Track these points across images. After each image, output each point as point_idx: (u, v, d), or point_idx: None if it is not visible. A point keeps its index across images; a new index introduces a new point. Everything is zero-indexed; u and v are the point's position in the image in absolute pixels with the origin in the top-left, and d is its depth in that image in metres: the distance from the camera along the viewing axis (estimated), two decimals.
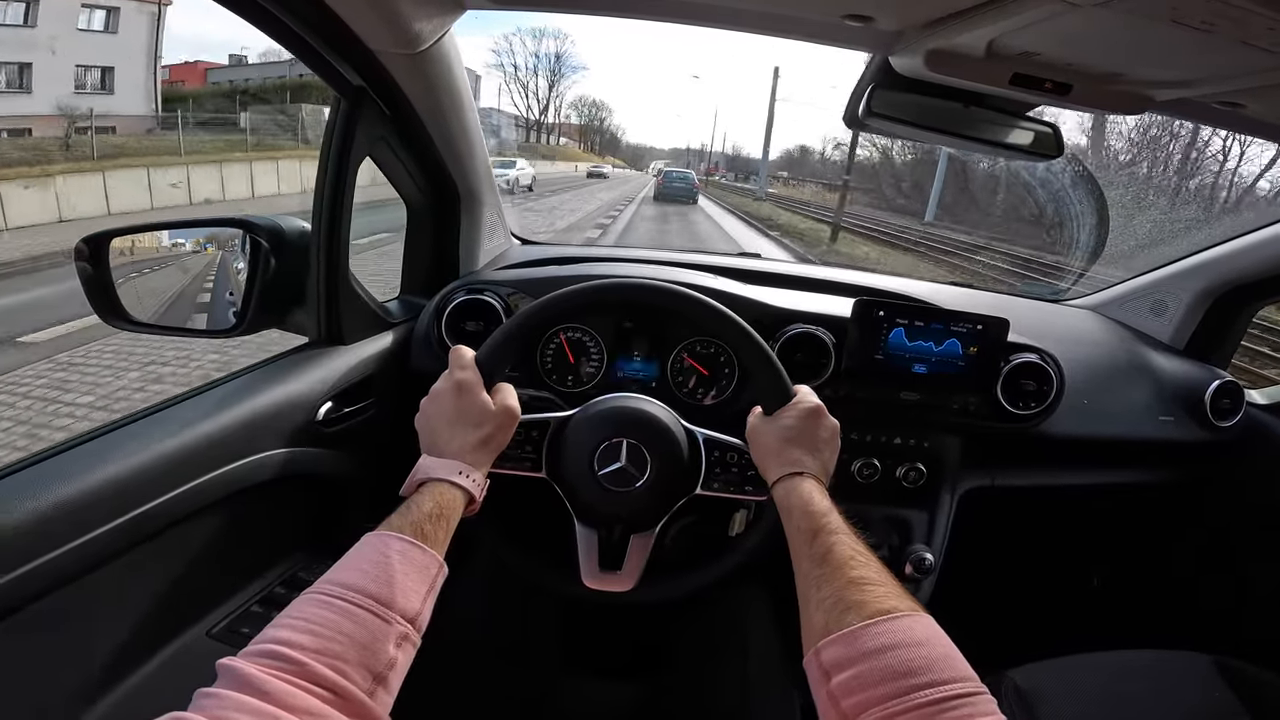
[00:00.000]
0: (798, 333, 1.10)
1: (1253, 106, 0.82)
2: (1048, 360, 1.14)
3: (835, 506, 0.68)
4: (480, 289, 1.11)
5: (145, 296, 0.95)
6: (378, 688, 0.49)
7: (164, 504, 0.70)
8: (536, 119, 68.15)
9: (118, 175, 11.87)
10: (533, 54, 69.46)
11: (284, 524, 0.94)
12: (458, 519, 0.67)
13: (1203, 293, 1.37)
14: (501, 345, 0.79)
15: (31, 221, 9.70)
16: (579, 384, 1.11)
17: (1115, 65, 0.76)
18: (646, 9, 0.92)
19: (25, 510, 0.59)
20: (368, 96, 0.92)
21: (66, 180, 10.88)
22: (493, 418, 0.74)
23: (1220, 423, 1.26)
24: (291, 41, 0.79)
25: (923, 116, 0.92)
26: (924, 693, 0.46)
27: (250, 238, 0.92)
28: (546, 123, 69.31)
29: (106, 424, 0.73)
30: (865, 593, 0.56)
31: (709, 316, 0.84)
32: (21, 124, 13.53)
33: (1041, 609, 1.59)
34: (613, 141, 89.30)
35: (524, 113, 67.87)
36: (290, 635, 0.47)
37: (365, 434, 1.00)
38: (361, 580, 0.54)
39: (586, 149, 78.30)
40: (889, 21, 0.77)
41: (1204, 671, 1.03)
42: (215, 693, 0.42)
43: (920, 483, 1.17)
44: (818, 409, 0.79)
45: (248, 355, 2.88)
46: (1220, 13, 0.55)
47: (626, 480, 0.80)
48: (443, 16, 0.85)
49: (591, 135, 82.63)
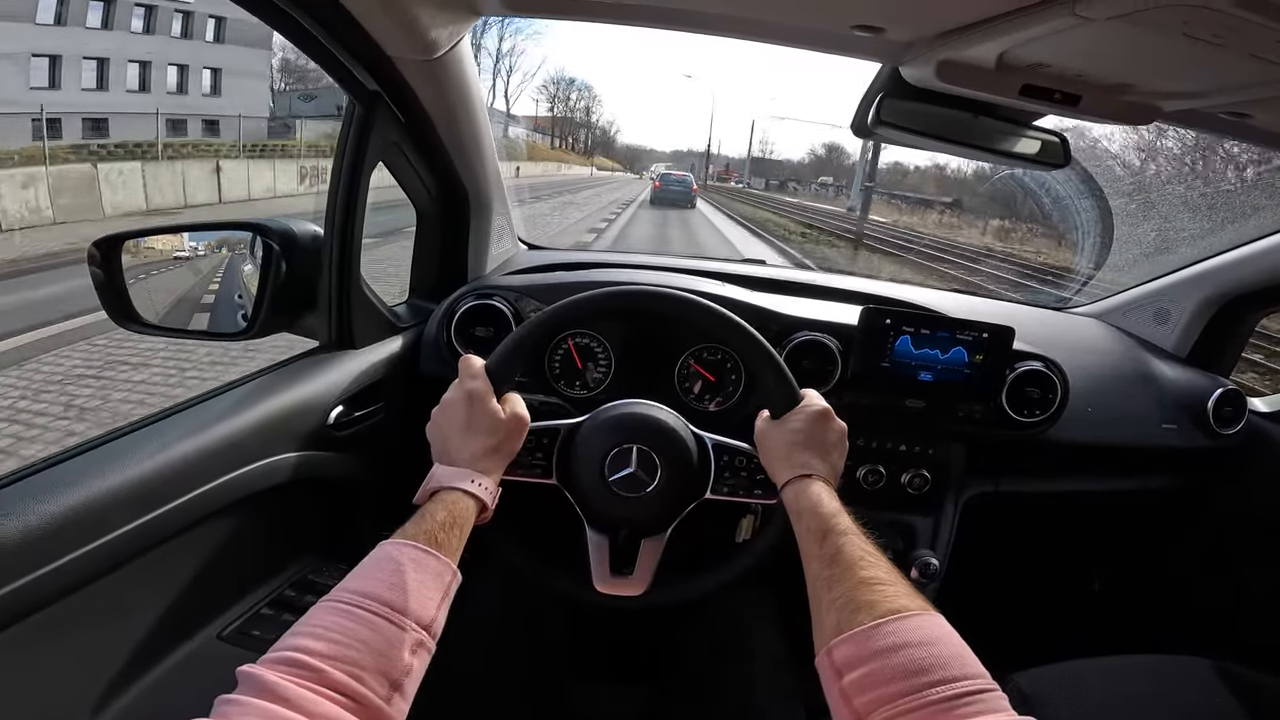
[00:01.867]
0: (805, 340, 1.11)
1: (1260, 117, 0.83)
2: (1052, 368, 1.15)
3: (844, 508, 0.69)
4: (489, 294, 1.12)
5: (157, 298, 0.95)
6: (394, 694, 0.49)
7: (180, 506, 0.70)
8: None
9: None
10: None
11: (294, 527, 0.94)
12: (470, 527, 0.67)
13: (1206, 301, 1.38)
14: (511, 353, 0.80)
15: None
16: (587, 390, 1.12)
17: (1125, 77, 0.76)
18: (657, 18, 0.92)
19: (41, 514, 0.59)
20: (382, 101, 0.93)
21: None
22: (503, 426, 0.74)
23: (1223, 430, 1.27)
24: (309, 45, 0.80)
25: (931, 126, 0.93)
26: (936, 690, 0.46)
27: (262, 241, 0.93)
28: (500, 109, 53.27)
29: (125, 425, 0.74)
30: (876, 592, 0.56)
31: (715, 322, 0.84)
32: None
33: (1045, 613, 1.59)
34: (606, 141, 77.51)
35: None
36: (308, 643, 0.48)
37: (375, 438, 1.00)
38: (377, 588, 0.54)
39: (565, 147, 63.70)
40: (900, 33, 0.78)
41: (1206, 676, 1.04)
42: (236, 699, 0.43)
43: (925, 489, 1.18)
44: (825, 412, 0.80)
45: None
46: (1231, 26, 0.55)
47: (637, 485, 0.81)
48: (458, 23, 0.86)
49: (571, 129, 67.43)
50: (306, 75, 22.79)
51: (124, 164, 11.30)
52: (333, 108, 17.50)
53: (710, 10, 0.85)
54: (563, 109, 67.44)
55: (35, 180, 9.31)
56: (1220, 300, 1.37)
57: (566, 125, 67.77)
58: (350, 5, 0.75)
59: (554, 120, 66.21)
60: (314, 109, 20.65)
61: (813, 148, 53.76)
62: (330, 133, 14.89)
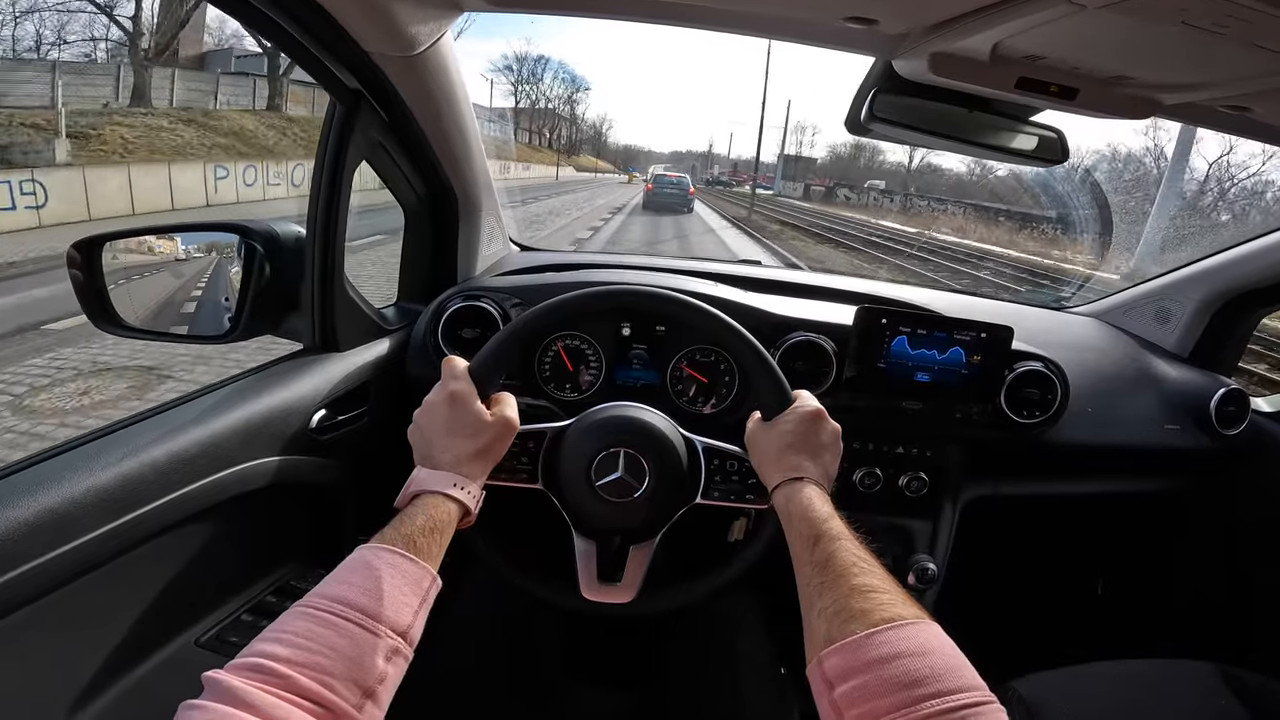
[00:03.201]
0: (799, 341, 1.09)
1: (1260, 110, 0.81)
2: (1052, 368, 1.13)
3: (837, 512, 0.67)
4: (477, 296, 1.10)
5: (137, 300, 0.94)
6: (366, 701, 0.48)
7: (154, 510, 0.69)
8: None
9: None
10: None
11: (275, 532, 0.92)
12: (451, 531, 0.66)
13: (1207, 300, 1.37)
14: (495, 354, 0.78)
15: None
16: (578, 392, 1.10)
17: (1122, 69, 0.75)
18: (647, 12, 0.91)
19: (12, 516, 0.58)
20: (364, 100, 0.91)
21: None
22: (488, 428, 0.73)
23: (1226, 430, 1.25)
24: (287, 44, 0.78)
25: (926, 121, 0.91)
26: (931, 703, 0.45)
27: (245, 243, 0.91)
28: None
29: (98, 429, 0.72)
30: (868, 600, 0.54)
31: (704, 321, 0.83)
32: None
33: (1046, 618, 1.58)
34: (595, 139, 69.35)
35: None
36: (275, 649, 0.47)
37: (359, 442, 0.98)
38: (350, 593, 0.53)
39: (538, 143, 52.02)
40: (893, 24, 0.76)
41: (1208, 680, 1.02)
42: (200, 704, 0.42)
43: (923, 492, 1.16)
44: (817, 412, 0.78)
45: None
46: (1232, 14, 0.54)
47: (625, 490, 0.79)
48: (439, 19, 0.84)
49: (547, 121, 54.74)
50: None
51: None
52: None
53: (700, 3, 0.84)
54: (531, 97, 54.91)
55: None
56: (1222, 299, 1.36)
57: (538, 118, 55.56)
58: (327, 2, 0.73)
59: (518, 111, 55.04)
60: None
61: (833, 144, 47.42)
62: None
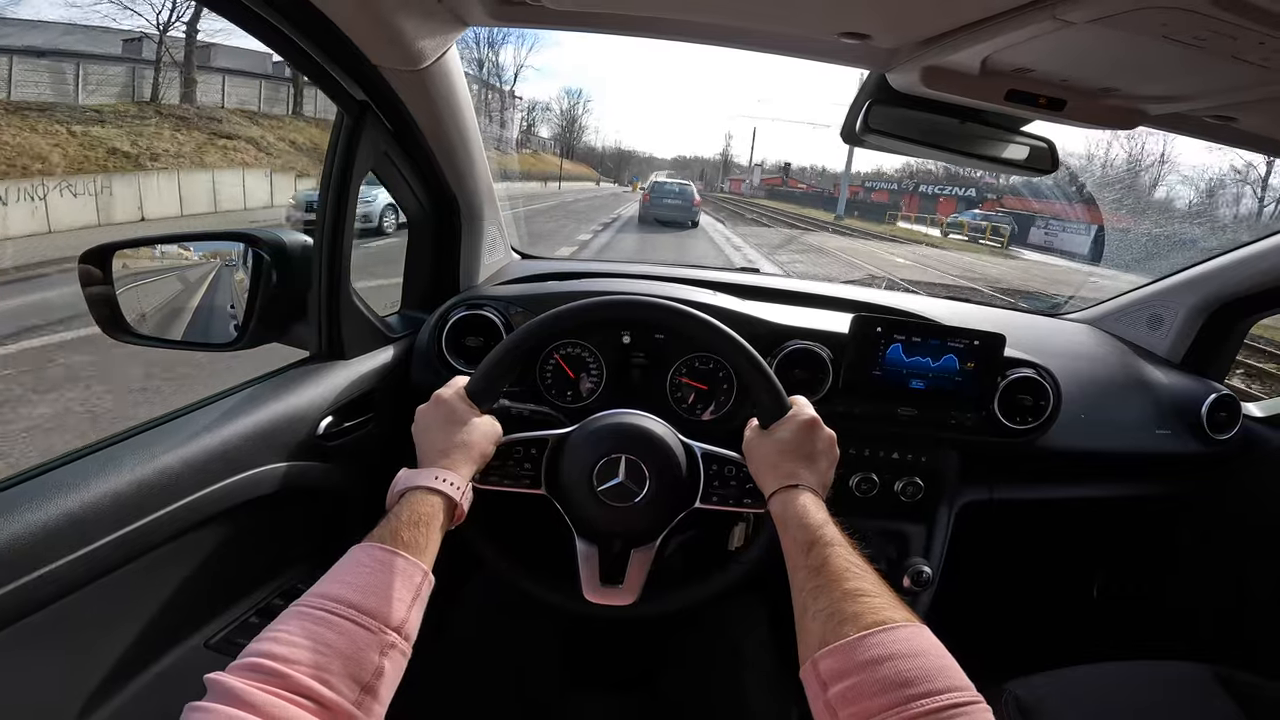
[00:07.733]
0: (796, 349, 1.11)
1: (1245, 120, 0.83)
2: (1044, 375, 1.15)
3: (832, 518, 0.68)
4: (480, 304, 1.12)
5: (147, 308, 0.95)
6: (365, 697, 0.49)
7: (165, 516, 0.70)
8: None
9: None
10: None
11: (283, 537, 0.93)
12: (439, 524, 0.67)
13: (1199, 306, 1.38)
14: (492, 371, 0.81)
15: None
16: (579, 400, 1.11)
17: (1108, 81, 0.77)
18: (646, 29, 0.93)
19: (27, 521, 0.59)
20: (371, 112, 0.93)
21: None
22: (472, 426, 0.76)
23: (1217, 436, 1.27)
24: (297, 57, 0.80)
25: (919, 132, 0.93)
26: (920, 703, 0.46)
27: (253, 251, 0.93)
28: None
29: (111, 436, 0.73)
30: (861, 604, 0.56)
31: (702, 331, 0.84)
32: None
33: (1040, 621, 1.58)
34: (585, 145, 62.09)
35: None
36: (272, 648, 0.48)
37: (365, 448, 1.00)
38: (342, 591, 0.54)
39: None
40: (885, 40, 0.79)
41: (1203, 682, 1.03)
42: (204, 706, 0.43)
43: (918, 497, 1.17)
44: (813, 421, 0.79)
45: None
46: (1212, 28, 0.56)
47: (626, 495, 0.80)
48: (445, 34, 0.86)
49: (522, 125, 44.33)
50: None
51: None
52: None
53: (698, 19, 0.86)
54: (497, 98, 45.26)
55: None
56: (1213, 305, 1.37)
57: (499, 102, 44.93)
58: (336, 18, 0.75)
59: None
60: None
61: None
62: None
